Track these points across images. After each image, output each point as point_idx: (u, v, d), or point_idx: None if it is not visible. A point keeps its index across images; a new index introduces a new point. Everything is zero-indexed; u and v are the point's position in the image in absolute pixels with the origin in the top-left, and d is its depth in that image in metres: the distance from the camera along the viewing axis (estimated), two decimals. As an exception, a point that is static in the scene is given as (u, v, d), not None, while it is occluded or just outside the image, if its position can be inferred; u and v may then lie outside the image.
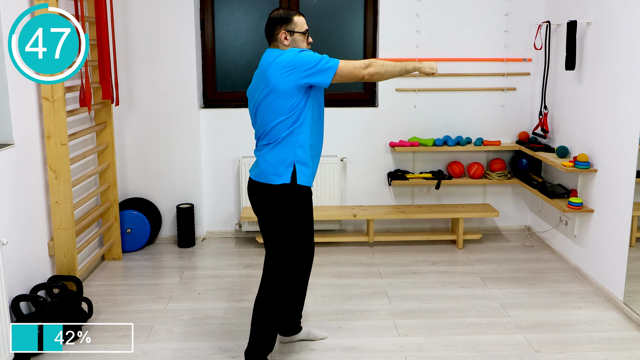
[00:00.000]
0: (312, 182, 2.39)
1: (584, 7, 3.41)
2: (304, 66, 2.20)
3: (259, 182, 2.33)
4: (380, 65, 2.27)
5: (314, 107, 2.32)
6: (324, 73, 2.21)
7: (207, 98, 4.12)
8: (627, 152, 2.98)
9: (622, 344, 2.71)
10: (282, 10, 2.31)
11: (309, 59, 2.21)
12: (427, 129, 4.10)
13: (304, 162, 2.31)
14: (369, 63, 2.26)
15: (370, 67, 2.25)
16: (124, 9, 3.76)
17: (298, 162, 2.29)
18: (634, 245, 2.99)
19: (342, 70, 2.22)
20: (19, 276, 2.71)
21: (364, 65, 2.25)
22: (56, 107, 2.86)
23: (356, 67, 2.24)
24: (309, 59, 2.21)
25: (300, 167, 2.30)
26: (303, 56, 2.21)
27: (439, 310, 3.05)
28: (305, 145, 2.30)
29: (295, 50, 2.24)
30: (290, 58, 2.21)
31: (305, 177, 2.32)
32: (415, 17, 3.95)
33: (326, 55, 2.25)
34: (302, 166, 2.30)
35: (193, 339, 2.75)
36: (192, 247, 4.02)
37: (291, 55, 2.22)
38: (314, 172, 2.40)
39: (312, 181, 2.39)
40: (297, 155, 2.29)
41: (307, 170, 2.32)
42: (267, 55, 2.30)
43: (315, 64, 2.20)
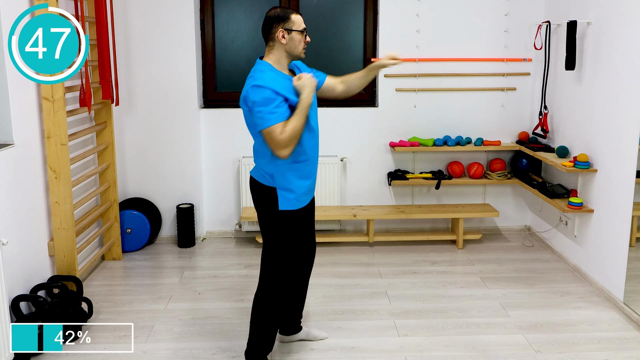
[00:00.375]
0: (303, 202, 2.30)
1: (584, 7, 3.41)
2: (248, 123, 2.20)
3: (256, 179, 2.33)
4: (294, 137, 2.12)
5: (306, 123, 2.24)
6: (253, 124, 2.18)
7: (207, 98, 4.12)
8: (627, 152, 2.99)
9: (622, 344, 2.71)
10: (280, 9, 2.27)
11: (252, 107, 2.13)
12: (427, 129, 4.10)
13: (286, 187, 2.25)
14: (288, 141, 2.11)
15: (288, 147, 2.12)
16: (124, 9, 3.77)
17: (279, 187, 2.26)
18: (634, 245, 2.99)
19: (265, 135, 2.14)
20: (19, 276, 2.72)
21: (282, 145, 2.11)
22: (56, 107, 2.86)
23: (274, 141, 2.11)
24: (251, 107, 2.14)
25: (281, 192, 2.26)
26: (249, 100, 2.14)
27: (439, 310, 3.05)
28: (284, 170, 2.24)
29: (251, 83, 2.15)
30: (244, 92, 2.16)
31: (288, 202, 2.26)
32: (416, 17, 3.95)
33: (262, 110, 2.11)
34: (284, 192, 2.26)
35: (193, 339, 2.75)
36: (192, 247, 4.03)
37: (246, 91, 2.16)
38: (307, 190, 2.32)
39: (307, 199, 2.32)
40: (275, 182, 2.25)
41: (289, 195, 2.26)
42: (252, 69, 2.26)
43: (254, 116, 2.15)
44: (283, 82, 2.21)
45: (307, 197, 2.33)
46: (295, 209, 2.29)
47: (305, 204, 2.32)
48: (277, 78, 2.20)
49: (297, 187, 2.28)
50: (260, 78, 2.16)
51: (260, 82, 2.14)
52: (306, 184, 2.31)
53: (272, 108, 2.12)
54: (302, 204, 2.31)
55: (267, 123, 2.12)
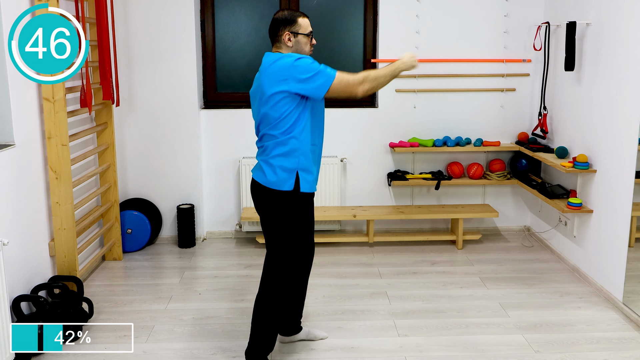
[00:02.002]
0: (315, 187, 2.38)
1: (583, 8, 3.42)
2: (297, 77, 2.17)
3: (262, 184, 2.32)
4: (373, 79, 2.22)
5: (315, 110, 2.31)
6: (316, 88, 2.18)
7: (208, 99, 4.12)
8: (626, 152, 2.99)
9: (622, 344, 2.72)
10: (287, 12, 2.29)
11: (305, 69, 2.17)
12: (427, 130, 4.10)
13: (307, 169, 2.30)
14: (364, 79, 2.21)
15: (364, 84, 2.21)
16: (124, 9, 3.77)
17: (301, 169, 2.29)
18: (633, 246, 2.99)
19: (334, 87, 2.19)
20: (19, 276, 2.72)
21: (358, 82, 2.20)
22: (57, 107, 2.86)
23: (350, 83, 2.20)
24: (304, 70, 2.17)
25: (303, 175, 2.29)
26: (299, 65, 2.17)
27: (438, 310, 3.06)
28: (307, 150, 2.29)
29: (293, 57, 2.20)
30: (286, 66, 2.18)
31: (308, 184, 2.32)
32: (415, 18, 3.96)
33: (325, 67, 2.20)
34: (305, 173, 2.30)
35: (193, 339, 2.76)
36: (192, 247, 4.03)
37: (287, 62, 2.18)
38: (317, 177, 2.39)
39: (315, 186, 2.37)
40: (299, 163, 2.28)
41: (309, 177, 2.32)
42: (266, 58, 2.28)
43: (310, 77, 2.17)
44: None
45: (315, 184, 2.39)
46: (311, 192, 2.34)
47: (315, 190, 2.38)
48: None
49: (313, 169, 2.34)
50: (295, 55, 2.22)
51: (298, 55, 2.22)
52: (315, 170, 2.38)
53: (323, 66, 2.21)
54: (314, 189, 2.36)
55: (331, 71, 2.19)
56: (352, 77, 2.20)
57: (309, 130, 2.28)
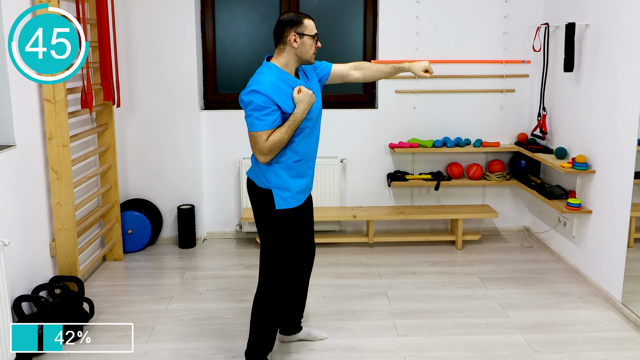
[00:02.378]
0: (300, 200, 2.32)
1: (583, 9, 3.43)
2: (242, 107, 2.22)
3: (252, 181, 2.34)
4: (276, 149, 2.19)
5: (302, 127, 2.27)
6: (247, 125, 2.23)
7: (208, 100, 4.13)
8: (625, 153, 3.00)
9: (620, 344, 2.73)
10: (293, 13, 2.30)
11: (245, 106, 2.19)
12: (427, 131, 4.11)
13: (280, 186, 2.27)
14: (269, 151, 2.17)
15: (267, 156, 2.18)
16: (125, 11, 3.78)
17: (274, 187, 2.27)
18: (632, 246, 3.00)
19: (250, 138, 2.20)
20: (20, 277, 2.73)
21: (262, 152, 2.17)
22: (58, 108, 2.87)
23: (256, 148, 2.18)
24: (245, 105, 2.20)
25: (277, 192, 2.28)
26: (243, 100, 2.20)
27: (438, 310, 3.07)
28: (285, 167, 2.27)
29: (249, 87, 2.19)
30: (242, 94, 2.22)
31: (284, 201, 2.28)
32: (415, 19, 3.97)
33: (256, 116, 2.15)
34: (279, 191, 2.27)
35: (194, 339, 2.76)
36: (192, 247, 4.04)
37: (245, 89, 2.21)
38: (305, 188, 2.34)
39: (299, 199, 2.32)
40: (270, 182, 2.27)
41: (285, 194, 2.28)
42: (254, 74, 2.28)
43: (245, 114, 2.21)
44: (285, 85, 2.23)
45: (302, 196, 2.35)
46: (292, 207, 2.31)
47: (301, 202, 2.34)
48: (279, 83, 2.21)
49: (292, 185, 2.29)
50: (260, 82, 2.18)
51: (259, 87, 2.17)
52: (301, 182, 2.33)
53: (262, 115, 2.16)
54: (298, 202, 2.32)
55: (254, 127, 2.18)
56: (261, 145, 2.16)
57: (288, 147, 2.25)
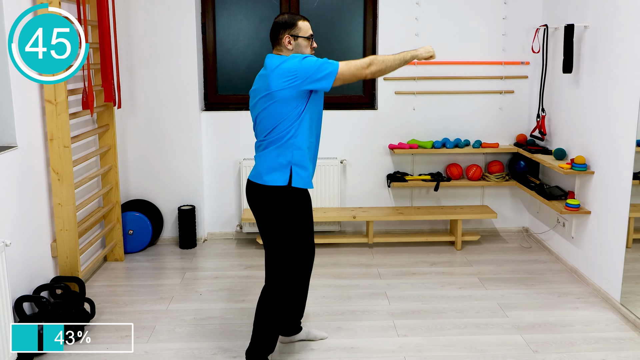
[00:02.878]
0: (312, 184, 2.40)
1: (581, 10, 3.44)
2: (306, 74, 2.22)
3: (256, 182, 2.35)
4: (381, 62, 2.28)
5: (313, 109, 2.34)
6: (325, 79, 2.23)
7: (208, 101, 4.15)
8: (623, 154, 3.01)
9: (619, 344, 2.74)
10: (287, 15, 2.32)
11: (311, 66, 2.22)
12: (426, 132, 4.13)
13: (301, 164, 2.32)
14: (370, 61, 2.26)
15: (372, 66, 2.26)
16: (126, 12, 3.80)
17: (295, 164, 2.31)
18: (630, 247, 3.01)
19: (343, 74, 2.25)
20: (22, 277, 2.74)
21: (365, 65, 2.26)
22: (59, 109, 2.88)
23: (358, 67, 2.26)
24: (311, 67, 2.22)
25: (297, 170, 2.31)
26: (306, 64, 2.23)
27: (437, 310, 3.08)
28: (304, 147, 2.32)
29: (299, 57, 2.25)
30: (294, 66, 2.23)
31: (302, 180, 2.33)
32: (415, 20, 3.99)
33: (326, 60, 2.26)
34: (299, 169, 2.32)
35: (194, 339, 2.77)
36: (193, 248, 4.05)
37: (294, 62, 2.24)
38: (312, 175, 2.40)
39: (311, 183, 2.39)
40: (294, 158, 2.30)
41: (303, 173, 2.33)
42: (270, 60, 2.31)
43: (317, 70, 2.22)
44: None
45: (311, 182, 2.40)
46: (305, 188, 2.35)
47: (311, 187, 2.39)
48: None
49: (309, 167, 2.35)
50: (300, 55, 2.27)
51: (305, 55, 2.27)
52: (312, 167, 2.39)
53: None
54: (310, 186, 2.37)
55: (335, 64, 2.23)
56: (358, 62, 2.27)
57: (306, 128, 2.31)
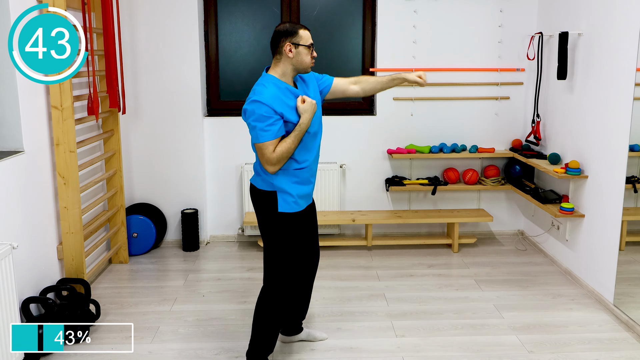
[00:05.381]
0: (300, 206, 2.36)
1: (575, 18, 3.48)
2: (245, 118, 2.26)
3: (256, 187, 2.38)
4: (283, 159, 2.23)
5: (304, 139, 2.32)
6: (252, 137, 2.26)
7: (211, 107, 4.19)
8: (616, 159, 3.03)
9: (612, 344, 2.77)
10: (289, 24, 2.33)
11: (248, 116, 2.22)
12: (424, 137, 4.17)
13: (284, 190, 2.31)
14: (277, 161, 2.22)
15: (276, 166, 2.23)
16: (130, 20, 3.84)
17: (278, 190, 2.32)
18: (623, 249, 3.04)
19: (257, 149, 2.23)
20: (29, 279, 2.77)
21: (270, 162, 2.21)
22: (65, 115, 2.91)
23: (264, 159, 2.22)
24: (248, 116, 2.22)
25: (281, 195, 2.32)
26: (247, 110, 2.23)
27: (435, 311, 3.11)
28: (288, 172, 2.31)
29: (251, 96, 2.23)
30: (247, 100, 2.26)
31: (287, 205, 2.31)
32: (412, 28, 4.04)
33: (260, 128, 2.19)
34: (283, 194, 2.32)
35: (197, 340, 2.80)
36: (196, 250, 4.08)
37: (248, 99, 2.25)
38: (305, 194, 2.38)
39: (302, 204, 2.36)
40: (275, 185, 2.31)
41: (288, 198, 2.32)
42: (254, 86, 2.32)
43: (250, 127, 2.24)
44: (284, 96, 2.27)
45: (304, 201, 2.40)
46: (294, 212, 2.35)
47: (302, 208, 2.38)
48: (279, 93, 2.26)
49: (294, 191, 2.34)
50: (261, 93, 2.22)
51: (260, 97, 2.21)
52: (303, 188, 2.37)
53: (266, 125, 2.19)
54: (300, 207, 2.36)
55: (260, 139, 2.20)
56: (269, 155, 2.21)
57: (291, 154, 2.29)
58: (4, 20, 2.63)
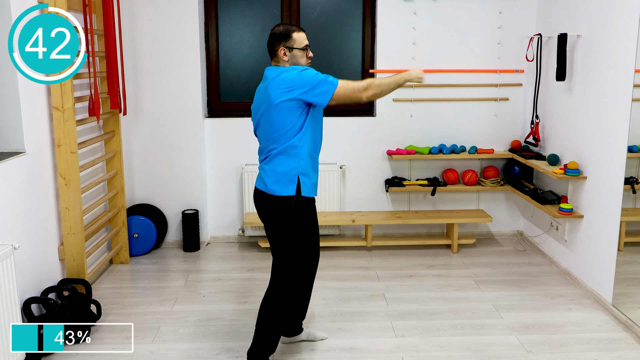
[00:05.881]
0: (316, 192, 2.45)
1: (574, 20, 3.49)
2: (304, 86, 2.24)
3: (265, 192, 2.39)
4: (377, 86, 2.29)
5: (315, 121, 2.38)
6: (322, 95, 2.26)
7: (212, 108, 4.20)
8: (615, 159, 3.05)
9: (611, 344, 2.78)
10: (282, 27, 2.34)
11: (310, 80, 2.25)
12: (423, 138, 4.18)
13: (306, 173, 2.37)
14: (368, 85, 2.28)
15: (369, 90, 2.28)
16: (131, 22, 3.85)
17: (301, 174, 2.35)
18: (622, 250, 3.05)
19: (339, 94, 2.26)
20: (30, 279, 2.78)
21: (362, 88, 2.27)
22: (66, 116, 2.92)
23: (354, 89, 2.27)
24: (309, 80, 2.25)
25: (303, 179, 2.36)
26: (304, 76, 2.25)
27: (434, 312, 3.12)
28: (306, 156, 2.37)
29: (298, 69, 2.28)
30: (292, 77, 2.26)
31: (308, 189, 2.38)
32: (412, 30, 4.05)
33: (327, 76, 2.27)
34: (305, 178, 2.37)
35: (198, 340, 2.82)
36: (196, 251, 4.09)
37: (293, 74, 2.27)
38: (316, 182, 2.46)
39: (316, 191, 2.45)
40: (299, 168, 2.34)
41: (309, 182, 2.38)
42: (269, 72, 2.35)
43: (315, 85, 2.24)
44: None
45: (316, 190, 2.46)
46: (311, 197, 2.41)
47: (315, 194, 2.45)
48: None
49: (312, 176, 2.41)
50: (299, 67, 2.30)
51: (304, 67, 2.29)
52: (315, 176, 2.44)
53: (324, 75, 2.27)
54: (314, 194, 2.43)
55: (335, 80, 2.26)
56: (356, 84, 2.29)
57: (309, 138, 2.35)
58: (5, 21, 2.64)
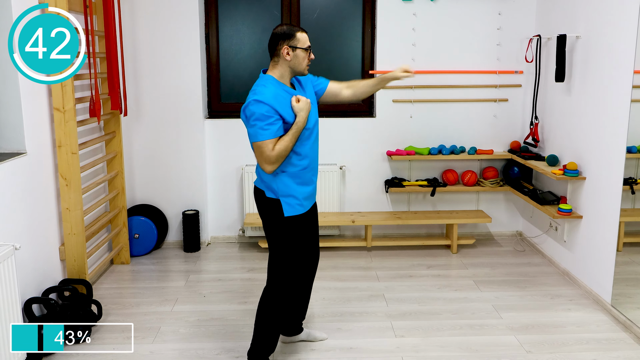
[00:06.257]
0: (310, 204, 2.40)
1: (573, 21, 3.50)
2: (244, 119, 2.27)
3: (261, 190, 2.41)
4: (281, 158, 2.23)
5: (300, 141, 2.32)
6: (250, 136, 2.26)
7: (212, 109, 4.21)
8: (614, 160, 3.05)
9: (610, 344, 2.79)
10: (286, 26, 2.34)
11: (249, 116, 2.22)
12: (423, 139, 4.19)
13: (288, 194, 2.33)
14: (275, 160, 2.22)
15: (274, 165, 2.23)
16: (132, 23, 3.87)
17: (282, 196, 2.33)
18: (621, 250, 3.05)
19: (254, 148, 2.24)
20: (31, 279, 2.79)
21: (268, 161, 2.21)
22: (67, 117, 2.93)
23: (263, 157, 2.21)
24: (249, 116, 2.22)
25: (286, 200, 2.34)
26: (246, 110, 2.24)
27: (434, 312, 3.13)
28: (291, 174, 2.33)
29: (251, 97, 2.25)
30: (245, 102, 2.27)
31: (292, 208, 2.34)
32: (412, 31, 4.06)
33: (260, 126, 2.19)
34: (287, 199, 2.34)
35: (198, 340, 2.83)
36: (197, 251, 4.11)
37: (246, 101, 2.26)
38: (310, 193, 2.41)
39: (310, 203, 2.40)
40: (279, 191, 2.33)
41: (292, 201, 2.34)
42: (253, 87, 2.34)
43: (248, 126, 2.25)
44: (283, 96, 2.29)
45: (309, 202, 2.42)
46: (300, 214, 2.37)
47: (307, 209, 2.41)
48: (278, 93, 2.27)
49: (298, 192, 2.36)
50: (262, 93, 2.24)
51: (261, 97, 2.22)
52: (307, 189, 2.40)
53: (266, 124, 2.20)
54: (305, 209, 2.39)
55: (260, 137, 2.21)
56: (268, 154, 2.21)
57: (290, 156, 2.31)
58: (5, 21, 2.65)
